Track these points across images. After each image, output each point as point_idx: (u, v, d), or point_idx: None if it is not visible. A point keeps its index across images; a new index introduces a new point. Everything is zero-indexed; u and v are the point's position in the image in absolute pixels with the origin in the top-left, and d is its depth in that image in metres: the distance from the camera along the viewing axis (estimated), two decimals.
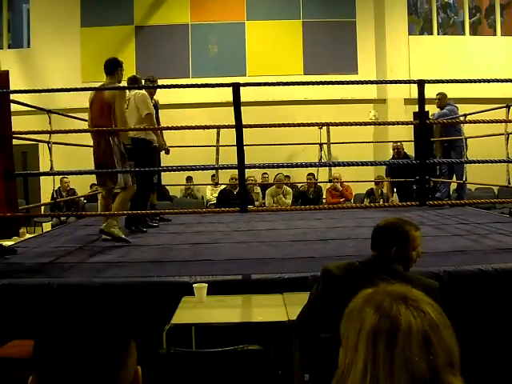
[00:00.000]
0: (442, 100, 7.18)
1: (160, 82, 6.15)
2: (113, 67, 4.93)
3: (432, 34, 11.47)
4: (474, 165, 6.41)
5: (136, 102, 5.32)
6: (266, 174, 10.10)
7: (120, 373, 0.86)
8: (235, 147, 4.09)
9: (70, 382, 0.83)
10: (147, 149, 5.40)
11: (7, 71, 4.08)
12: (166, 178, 8.05)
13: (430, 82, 4.22)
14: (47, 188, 8.93)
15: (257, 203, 9.20)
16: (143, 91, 5.41)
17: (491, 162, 4.90)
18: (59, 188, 9.24)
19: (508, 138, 5.41)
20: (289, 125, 4.44)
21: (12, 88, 4.17)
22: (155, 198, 6.47)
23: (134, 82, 5.78)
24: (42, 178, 9.65)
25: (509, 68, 10.25)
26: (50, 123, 5.45)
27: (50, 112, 5.49)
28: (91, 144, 7.13)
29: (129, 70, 10.69)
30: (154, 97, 6.00)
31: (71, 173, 8.10)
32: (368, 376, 0.92)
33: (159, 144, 5.66)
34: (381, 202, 8.93)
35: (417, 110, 4.28)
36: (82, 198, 9.76)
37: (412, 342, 0.92)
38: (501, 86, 6.65)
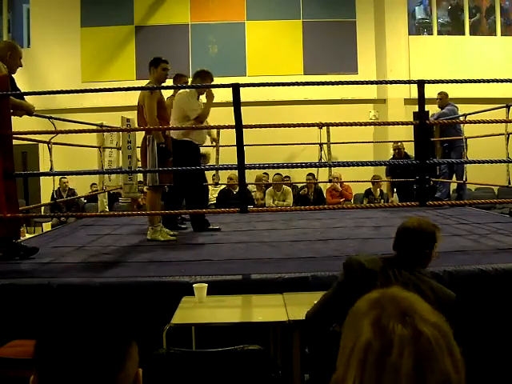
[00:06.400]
0: (443, 100, 7.17)
1: None
2: (149, 66, 4.94)
3: (432, 33, 11.49)
4: (474, 165, 6.41)
5: (178, 101, 5.24)
6: (266, 173, 10.07)
7: (119, 374, 0.86)
8: (235, 147, 4.10)
9: (69, 381, 0.83)
10: (188, 150, 5.24)
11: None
12: None
13: (430, 82, 4.22)
14: (47, 188, 8.93)
15: (261, 202, 9.15)
16: (187, 90, 5.24)
17: (491, 162, 4.89)
18: (59, 188, 9.25)
19: (508, 138, 5.41)
20: (289, 125, 4.43)
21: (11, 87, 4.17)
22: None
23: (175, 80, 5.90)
24: (42, 178, 9.64)
25: (509, 68, 10.24)
26: (53, 124, 5.47)
27: (50, 118, 5.50)
28: (91, 144, 7.17)
29: (129, 70, 10.82)
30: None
31: (71, 173, 8.11)
32: None
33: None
34: (381, 202, 8.93)
35: (417, 110, 4.28)
36: (82, 198, 9.77)
37: (402, 366, 0.86)
38: (501, 86, 6.66)
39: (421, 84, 4.13)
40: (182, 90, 5.30)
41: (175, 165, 5.03)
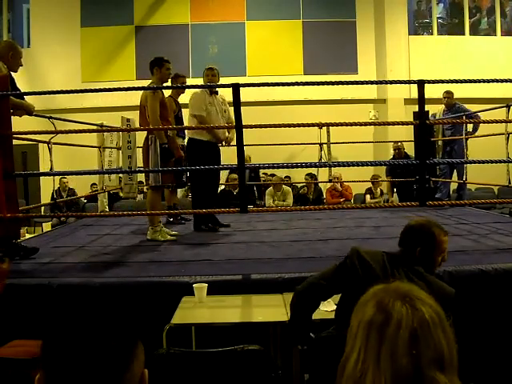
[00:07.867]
0: (450, 99, 7.13)
1: None
2: (151, 67, 4.93)
3: (432, 33, 11.49)
4: (474, 165, 6.41)
5: (190, 100, 5.32)
6: (265, 173, 10.05)
7: (126, 374, 0.87)
8: (235, 147, 4.10)
9: (76, 382, 0.84)
10: (200, 149, 5.23)
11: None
12: None
13: (430, 82, 4.22)
14: (47, 188, 8.94)
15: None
16: (196, 90, 5.33)
17: (491, 162, 4.89)
18: (59, 188, 9.25)
19: (508, 138, 5.41)
20: (289, 125, 4.43)
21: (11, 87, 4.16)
22: (174, 198, 6.36)
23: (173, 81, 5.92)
24: (42, 178, 9.65)
25: (509, 68, 10.24)
26: (53, 124, 5.47)
27: (50, 118, 5.50)
28: (91, 144, 7.17)
29: (129, 70, 10.81)
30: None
31: (71, 173, 8.11)
32: (359, 363, 0.98)
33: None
34: (381, 202, 8.92)
35: (417, 109, 4.28)
36: (82, 198, 9.77)
37: (399, 337, 0.96)
38: (501, 86, 6.65)
39: (421, 84, 4.13)
40: (194, 90, 5.38)
41: (191, 163, 5.09)
